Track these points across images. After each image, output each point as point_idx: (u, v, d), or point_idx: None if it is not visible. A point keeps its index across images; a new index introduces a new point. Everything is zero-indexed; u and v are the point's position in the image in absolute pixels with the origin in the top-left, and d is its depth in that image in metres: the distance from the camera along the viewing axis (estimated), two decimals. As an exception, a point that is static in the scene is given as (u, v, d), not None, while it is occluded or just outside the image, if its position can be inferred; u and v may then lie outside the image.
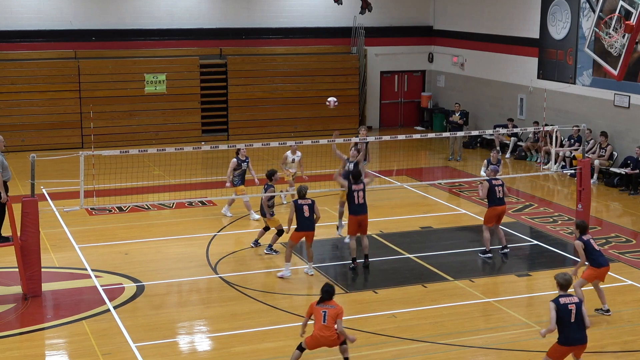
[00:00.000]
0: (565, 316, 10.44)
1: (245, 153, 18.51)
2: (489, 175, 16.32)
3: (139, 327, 12.93)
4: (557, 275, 10.79)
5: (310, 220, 14.98)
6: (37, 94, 27.01)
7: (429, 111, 31.49)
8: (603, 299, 13.41)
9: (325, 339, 10.97)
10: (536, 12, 26.33)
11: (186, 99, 28.40)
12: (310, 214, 14.93)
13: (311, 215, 14.96)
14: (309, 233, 15.09)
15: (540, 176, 23.57)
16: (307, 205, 14.95)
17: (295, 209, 14.90)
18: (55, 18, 27.44)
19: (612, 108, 23.57)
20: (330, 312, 10.93)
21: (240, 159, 18.52)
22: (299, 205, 14.93)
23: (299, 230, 15.00)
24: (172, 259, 16.29)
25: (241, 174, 18.60)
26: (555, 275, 10.82)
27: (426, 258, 16.15)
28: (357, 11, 28.53)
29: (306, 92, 29.70)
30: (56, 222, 18.53)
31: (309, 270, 15.33)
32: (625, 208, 20.05)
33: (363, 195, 15.59)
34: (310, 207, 14.95)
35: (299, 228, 14.99)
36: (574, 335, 10.49)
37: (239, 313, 13.51)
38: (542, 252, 16.92)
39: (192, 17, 28.82)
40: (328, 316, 10.91)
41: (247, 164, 18.61)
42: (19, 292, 14.26)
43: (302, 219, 14.95)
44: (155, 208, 19.87)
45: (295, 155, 19.49)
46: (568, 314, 10.45)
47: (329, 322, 10.90)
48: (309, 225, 15.00)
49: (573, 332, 10.49)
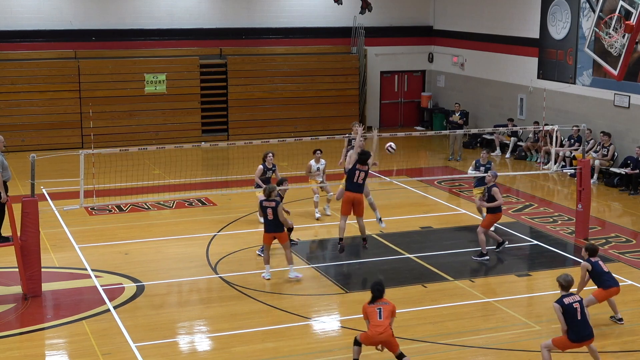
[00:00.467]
0: (572, 315, 10.72)
1: (272, 160, 17.71)
2: (489, 182, 16.06)
3: (139, 327, 12.93)
4: (559, 277, 11.02)
5: (275, 223, 14.58)
6: (37, 94, 27.01)
7: (429, 111, 31.49)
8: (614, 308, 13.30)
9: (381, 336, 10.94)
10: (536, 12, 26.33)
11: (186, 99, 28.40)
12: (274, 217, 14.51)
13: (275, 218, 14.55)
14: (278, 234, 14.70)
15: (540, 176, 23.57)
16: (270, 208, 14.53)
17: (260, 208, 14.66)
18: (55, 18, 27.44)
19: (612, 108, 23.57)
20: (385, 308, 11.02)
21: (266, 167, 17.73)
22: (263, 206, 14.68)
23: (267, 232, 14.76)
24: (172, 259, 16.29)
25: (265, 181, 17.42)
26: (557, 277, 11.02)
27: (426, 258, 16.15)
28: (357, 11, 28.53)
29: (306, 92, 29.70)
30: (56, 222, 18.53)
31: (292, 274, 14.92)
32: (625, 208, 20.05)
33: (364, 177, 15.36)
34: (274, 210, 14.50)
35: (267, 230, 14.76)
36: (583, 332, 10.87)
37: (239, 313, 13.51)
38: (542, 252, 16.92)
39: (192, 17, 28.82)
40: (384, 312, 10.95)
41: (273, 172, 17.77)
42: (19, 292, 14.27)
43: (267, 221, 14.68)
44: (155, 208, 19.87)
45: (320, 164, 18.84)
46: (574, 313, 10.74)
47: (386, 318, 10.94)
48: (275, 227, 14.61)
49: (583, 329, 10.85)
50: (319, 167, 18.90)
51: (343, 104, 30.18)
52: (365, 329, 11.15)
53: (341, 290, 14.49)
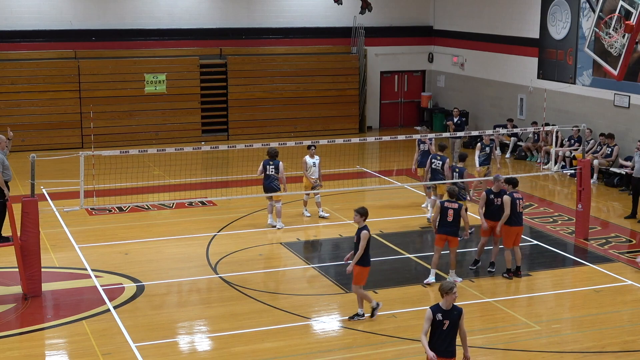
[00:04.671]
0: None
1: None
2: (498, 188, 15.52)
3: (139, 327, 12.93)
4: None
5: (453, 224, 14.68)
6: (37, 94, 27.01)
7: (429, 111, 31.49)
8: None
9: None
10: (536, 12, 26.33)
11: (186, 99, 28.41)
12: (454, 219, 14.65)
13: (455, 220, 14.66)
14: (451, 237, 14.84)
15: (540, 176, 23.57)
16: (452, 209, 14.62)
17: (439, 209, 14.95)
18: (55, 18, 27.44)
19: (612, 108, 23.57)
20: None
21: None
22: (444, 207, 14.71)
23: (440, 234, 14.87)
24: (172, 259, 16.29)
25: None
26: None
27: (426, 258, 16.13)
28: (357, 11, 28.54)
29: (306, 92, 29.70)
30: (56, 222, 18.54)
31: (450, 278, 14.79)
32: (625, 208, 20.04)
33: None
34: (455, 212, 14.65)
35: (441, 231, 14.90)
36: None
37: (239, 313, 13.51)
38: (542, 252, 16.92)
39: (192, 17, 28.82)
40: None
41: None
42: (19, 292, 14.26)
43: (445, 222, 14.78)
44: (155, 208, 19.87)
45: (315, 159, 18.81)
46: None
47: None
48: (451, 229, 14.72)
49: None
50: (314, 162, 18.81)
51: (343, 104, 30.18)
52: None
53: (341, 290, 14.49)
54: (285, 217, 18.62)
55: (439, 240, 14.65)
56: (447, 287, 9.52)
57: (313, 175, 18.73)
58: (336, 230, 18.16)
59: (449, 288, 9.50)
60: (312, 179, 18.73)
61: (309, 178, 18.76)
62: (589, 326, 13.09)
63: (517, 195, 14.96)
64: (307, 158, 18.82)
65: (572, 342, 12.46)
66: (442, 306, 9.53)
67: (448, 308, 9.52)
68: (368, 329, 12.84)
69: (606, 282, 15.05)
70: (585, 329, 12.98)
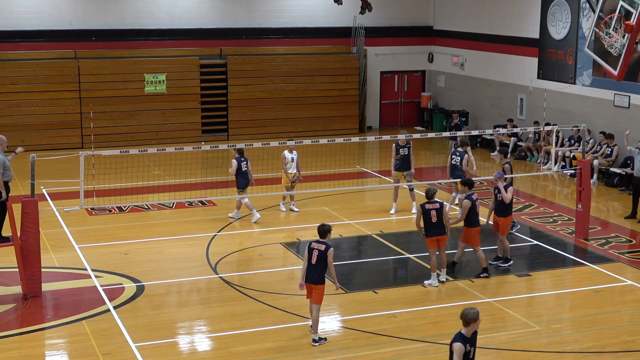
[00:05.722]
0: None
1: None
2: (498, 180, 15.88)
3: (139, 327, 12.93)
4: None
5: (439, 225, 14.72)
6: (37, 94, 27.01)
7: (429, 111, 31.49)
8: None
9: None
10: (536, 12, 26.33)
11: (186, 99, 28.41)
12: (437, 219, 14.70)
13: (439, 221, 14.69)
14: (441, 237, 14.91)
15: (540, 176, 23.57)
16: (434, 210, 14.68)
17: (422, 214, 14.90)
18: (55, 18, 27.44)
19: (612, 108, 23.57)
20: None
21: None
22: (426, 210, 14.68)
23: (430, 236, 14.87)
24: (172, 259, 16.29)
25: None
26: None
27: (426, 258, 16.12)
28: (357, 11, 28.53)
29: (306, 92, 29.70)
30: (56, 222, 18.54)
31: (441, 278, 14.89)
32: (625, 208, 20.03)
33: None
34: (438, 212, 14.70)
35: (430, 234, 14.92)
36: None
37: (239, 313, 13.51)
38: (542, 252, 16.92)
39: (192, 17, 28.82)
40: None
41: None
42: (19, 292, 14.26)
43: (431, 224, 14.85)
44: (155, 208, 19.87)
45: (293, 154, 19.11)
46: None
47: None
48: (438, 229, 14.81)
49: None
50: (292, 158, 19.07)
51: (343, 104, 30.18)
52: None
53: (341, 290, 14.48)
54: (285, 217, 18.63)
55: (430, 243, 14.70)
56: (474, 315, 8.87)
57: (292, 170, 19.03)
58: (336, 230, 18.13)
59: (476, 316, 8.88)
60: (291, 174, 19.00)
61: (287, 173, 19.02)
62: (589, 326, 13.09)
63: (474, 197, 15.15)
64: (286, 152, 19.15)
65: (572, 342, 12.47)
66: (466, 334, 8.89)
67: (469, 335, 8.94)
68: (368, 329, 12.84)
69: (606, 282, 15.05)
70: (585, 329, 12.98)
